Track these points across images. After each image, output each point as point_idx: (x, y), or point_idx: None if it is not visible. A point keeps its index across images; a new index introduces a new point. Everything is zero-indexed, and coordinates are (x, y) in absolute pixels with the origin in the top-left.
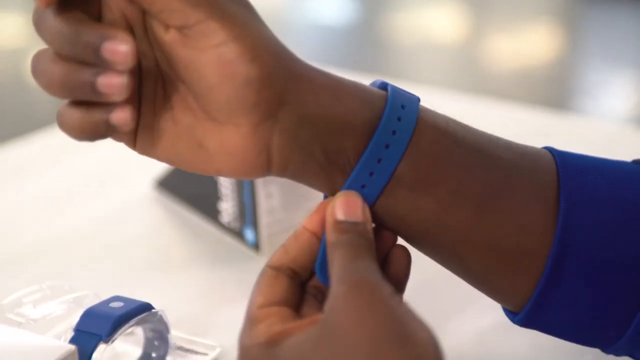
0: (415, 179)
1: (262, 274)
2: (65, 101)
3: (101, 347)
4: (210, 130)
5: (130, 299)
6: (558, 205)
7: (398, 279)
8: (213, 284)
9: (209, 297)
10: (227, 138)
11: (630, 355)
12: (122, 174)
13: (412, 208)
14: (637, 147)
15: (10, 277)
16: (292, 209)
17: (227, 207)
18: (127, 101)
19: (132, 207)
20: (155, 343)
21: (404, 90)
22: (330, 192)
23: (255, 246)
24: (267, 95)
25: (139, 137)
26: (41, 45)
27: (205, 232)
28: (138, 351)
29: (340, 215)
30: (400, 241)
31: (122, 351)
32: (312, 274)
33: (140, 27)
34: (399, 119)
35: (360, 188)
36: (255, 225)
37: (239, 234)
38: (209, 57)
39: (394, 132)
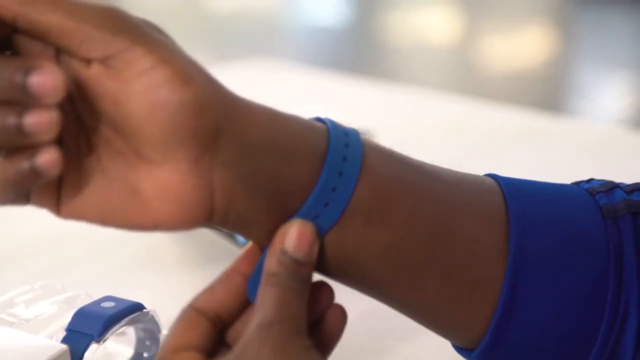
0: (371, 207)
1: (183, 314)
2: None
3: (93, 347)
4: (145, 173)
5: (121, 298)
6: (508, 229)
7: (329, 340)
8: (204, 284)
9: None
10: (164, 179)
11: None
12: None
13: (366, 241)
14: (628, 148)
15: (2, 276)
16: None
17: None
18: (50, 143)
19: None
20: (147, 343)
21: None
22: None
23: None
24: (203, 123)
25: (64, 199)
26: None
27: (196, 233)
28: (130, 351)
29: (289, 245)
30: (343, 292)
31: (114, 351)
32: (234, 318)
33: None
34: (346, 146)
35: (313, 218)
36: None
37: (230, 235)
38: (137, 86)
39: (344, 159)
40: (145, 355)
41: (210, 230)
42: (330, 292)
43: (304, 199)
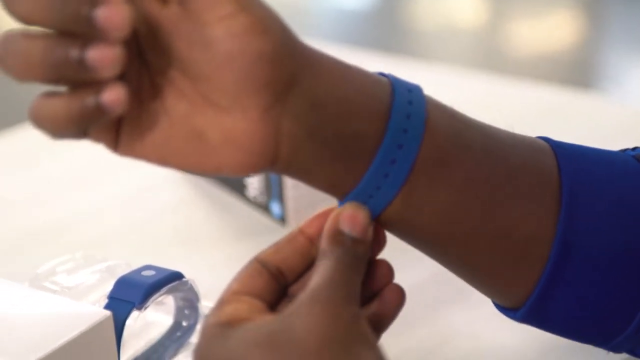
0: (434, 163)
1: (247, 265)
2: (39, 94)
3: (134, 314)
4: (211, 117)
5: (161, 267)
6: (560, 189)
7: (383, 317)
8: (240, 256)
9: (237, 269)
10: (231, 126)
11: (631, 351)
12: None
13: (429, 200)
14: None
15: (45, 247)
16: None
17: (254, 182)
18: (115, 80)
19: (162, 183)
20: (186, 312)
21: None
22: (339, 191)
23: (282, 219)
24: (278, 74)
25: (123, 137)
26: None
27: (232, 206)
28: (169, 320)
29: (344, 226)
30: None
31: (154, 320)
32: (298, 277)
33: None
34: (409, 103)
35: (383, 177)
36: (281, 198)
37: (265, 208)
38: (216, 31)
39: (408, 116)
40: (184, 324)
41: (245, 204)
42: (389, 270)
43: (369, 153)
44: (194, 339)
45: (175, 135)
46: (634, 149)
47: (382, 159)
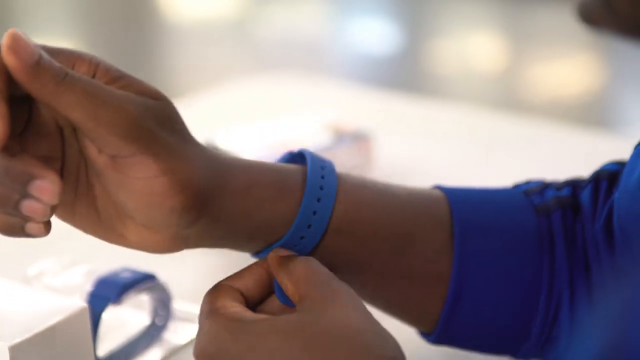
0: (341, 225)
1: (217, 286)
2: None
3: (110, 309)
4: (131, 227)
5: (137, 270)
6: (453, 233)
7: None
8: (217, 262)
9: (208, 273)
10: (146, 235)
11: (540, 358)
12: None
13: (340, 251)
14: None
15: (34, 250)
16: None
17: None
18: None
19: None
20: (159, 311)
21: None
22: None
23: None
24: (188, 219)
25: (59, 211)
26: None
27: None
28: (145, 319)
29: (281, 253)
30: None
31: (131, 318)
32: (258, 304)
33: (69, 130)
34: (322, 177)
35: (299, 240)
36: None
37: None
38: (138, 186)
39: (320, 193)
40: (157, 322)
41: None
42: None
43: (285, 229)
44: (166, 336)
45: (101, 227)
46: (527, 182)
47: (296, 228)
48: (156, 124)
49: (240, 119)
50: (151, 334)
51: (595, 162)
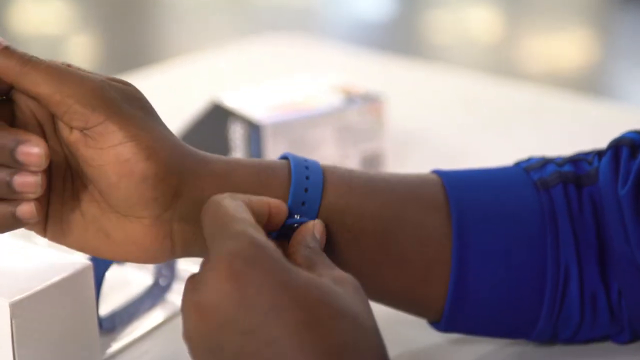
0: (331, 213)
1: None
2: None
3: (113, 268)
4: (114, 222)
5: None
6: (450, 215)
7: None
8: None
9: None
10: (130, 229)
11: (554, 338)
12: None
13: (328, 242)
14: None
15: None
16: None
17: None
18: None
19: None
20: (163, 272)
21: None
22: None
23: None
24: (163, 190)
25: (49, 226)
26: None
27: None
28: (148, 279)
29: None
30: None
31: (134, 278)
32: None
33: (50, 126)
34: (307, 177)
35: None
36: None
37: None
38: (108, 156)
39: (306, 190)
40: (161, 283)
41: None
42: None
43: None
44: (170, 296)
45: (88, 233)
46: (528, 159)
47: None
48: (121, 98)
49: (243, 81)
50: (154, 295)
51: (599, 130)
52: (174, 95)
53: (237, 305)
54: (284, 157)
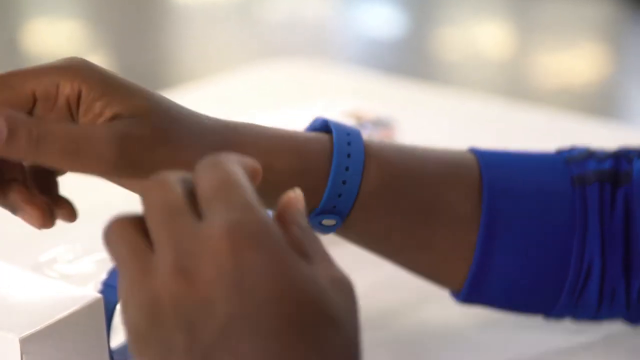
0: (370, 194)
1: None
2: None
3: None
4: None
5: None
6: (482, 192)
7: None
8: None
9: None
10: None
11: (572, 316)
12: None
13: (367, 220)
14: None
15: (46, 237)
16: None
17: None
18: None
19: None
20: None
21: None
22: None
23: None
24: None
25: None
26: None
27: None
28: None
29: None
30: None
31: None
32: None
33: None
34: (348, 144)
35: (332, 208)
36: None
37: None
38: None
39: (348, 155)
40: None
41: None
42: None
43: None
44: None
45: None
46: (570, 149)
47: (328, 197)
48: (140, 146)
49: (254, 107)
50: None
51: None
52: None
53: (233, 286)
54: (324, 125)
